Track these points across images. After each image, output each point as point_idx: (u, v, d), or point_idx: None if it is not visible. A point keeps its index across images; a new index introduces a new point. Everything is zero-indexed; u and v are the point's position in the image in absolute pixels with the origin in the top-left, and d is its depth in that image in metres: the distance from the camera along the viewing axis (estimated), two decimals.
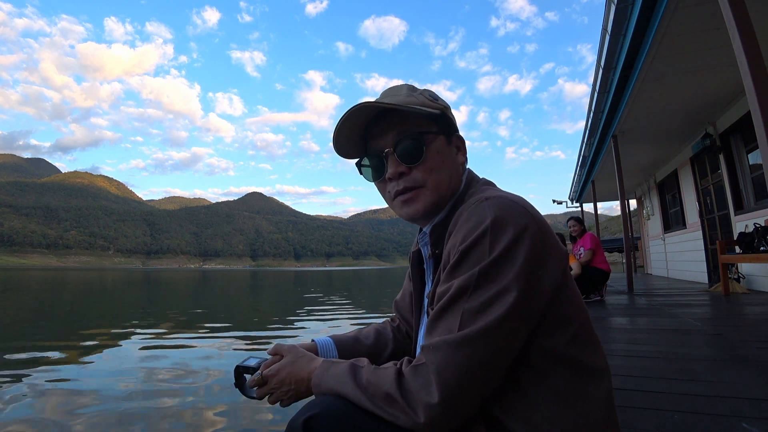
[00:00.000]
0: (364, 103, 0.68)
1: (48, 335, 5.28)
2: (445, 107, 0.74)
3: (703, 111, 5.59)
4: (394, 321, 0.97)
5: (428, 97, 0.73)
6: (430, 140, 0.70)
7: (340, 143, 0.74)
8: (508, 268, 0.56)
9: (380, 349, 0.90)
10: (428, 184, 0.70)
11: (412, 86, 0.75)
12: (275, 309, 9.14)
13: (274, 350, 0.75)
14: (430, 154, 0.70)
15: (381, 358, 0.89)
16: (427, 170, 0.69)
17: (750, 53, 1.98)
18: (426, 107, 0.70)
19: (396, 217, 51.23)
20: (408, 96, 0.71)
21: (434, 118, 0.71)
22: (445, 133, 0.73)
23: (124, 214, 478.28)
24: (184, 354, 4.14)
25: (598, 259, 4.84)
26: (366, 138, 0.75)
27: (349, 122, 0.70)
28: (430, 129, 0.70)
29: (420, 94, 0.72)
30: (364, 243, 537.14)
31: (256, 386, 0.72)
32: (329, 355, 0.84)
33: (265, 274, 49.24)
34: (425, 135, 0.70)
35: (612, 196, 12.11)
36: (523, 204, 0.61)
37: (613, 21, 4.00)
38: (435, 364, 0.55)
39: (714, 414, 1.28)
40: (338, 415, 0.59)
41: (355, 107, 0.67)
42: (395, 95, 0.72)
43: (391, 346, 0.91)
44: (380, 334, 0.92)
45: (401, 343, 0.92)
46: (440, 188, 0.70)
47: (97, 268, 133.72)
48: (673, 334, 2.68)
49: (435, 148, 0.70)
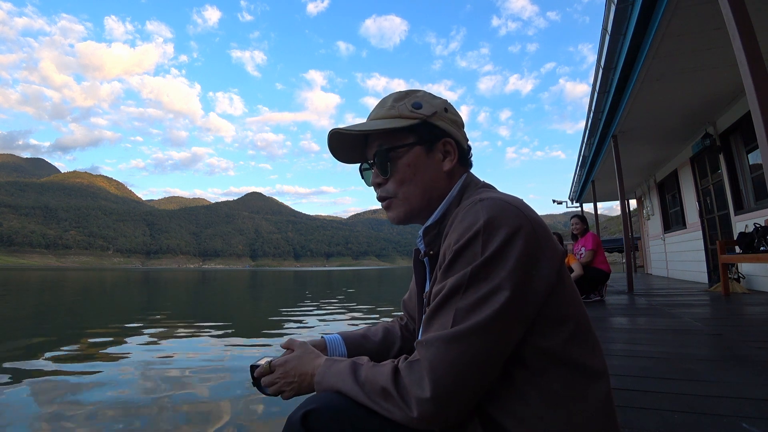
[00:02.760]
0: (333, 131, 0.74)
1: (48, 335, 5.28)
2: (429, 115, 0.73)
3: (703, 111, 5.59)
4: (402, 319, 0.98)
5: (410, 107, 0.73)
6: (401, 154, 0.73)
7: (335, 153, 0.79)
8: (501, 267, 0.57)
9: (388, 346, 0.91)
10: (399, 195, 0.74)
11: (401, 94, 0.76)
12: (275, 309, 9.14)
13: (287, 344, 0.80)
14: (399, 168, 0.73)
15: (389, 355, 0.90)
16: (398, 183, 0.74)
17: (750, 53, 1.98)
18: (404, 118, 0.72)
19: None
20: (390, 108, 0.74)
21: (412, 129, 0.73)
22: (425, 141, 0.73)
23: (123, 214, 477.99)
24: (184, 354, 4.14)
25: (599, 259, 4.84)
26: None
27: (334, 141, 0.76)
28: (405, 141, 0.73)
29: (403, 104, 0.74)
30: (364, 243, 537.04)
31: (263, 374, 0.76)
32: (338, 352, 0.86)
33: (265, 274, 49.26)
34: (396, 150, 0.73)
35: (612, 196, 12.12)
36: (517, 205, 0.62)
37: (613, 21, 4.00)
38: (428, 359, 0.56)
39: (714, 414, 1.28)
40: (336, 410, 0.60)
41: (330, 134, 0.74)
42: (380, 107, 0.76)
43: (399, 343, 0.92)
44: (388, 332, 0.94)
45: (409, 341, 0.93)
46: (410, 199, 0.74)
47: (97, 268, 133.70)
48: (673, 334, 2.68)
49: (405, 162, 0.73)
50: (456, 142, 0.76)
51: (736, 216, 5.69)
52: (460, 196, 0.73)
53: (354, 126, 0.73)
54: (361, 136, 0.77)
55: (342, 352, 0.86)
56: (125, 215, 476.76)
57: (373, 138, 0.76)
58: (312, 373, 0.69)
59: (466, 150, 0.78)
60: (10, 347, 4.48)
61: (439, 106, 0.75)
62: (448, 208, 0.73)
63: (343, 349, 0.87)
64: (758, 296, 4.76)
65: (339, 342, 0.87)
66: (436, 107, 0.74)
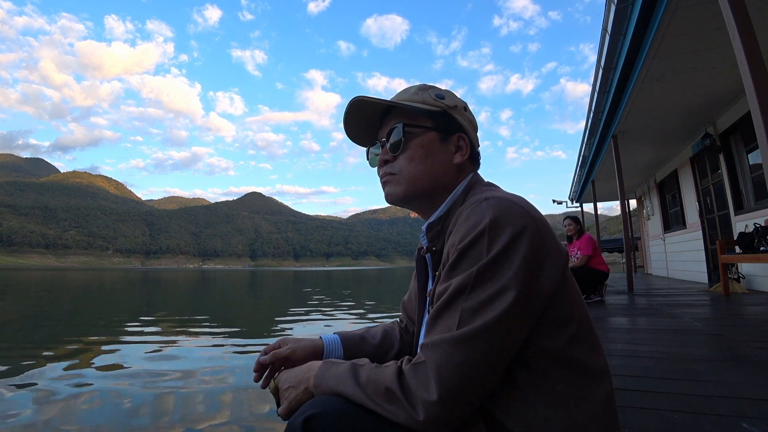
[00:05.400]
0: (356, 98, 0.73)
1: (47, 335, 5.28)
2: (450, 107, 0.76)
3: (703, 111, 5.59)
4: (401, 321, 0.96)
5: (434, 96, 0.75)
6: (417, 134, 0.74)
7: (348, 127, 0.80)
8: (506, 267, 0.56)
9: (386, 349, 0.90)
10: (404, 173, 0.74)
11: (425, 86, 0.78)
12: (275, 308, 9.14)
13: (279, 343, 0.81)
14: (412, 146, 0.74)
15: (386, 358, 0.88)
16: (407, 160, 0.74)
17: (750, 53, 1.97)
18: (426, 104, 0.74)
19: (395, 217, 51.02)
20: (413, 94, 0.76)
21: (431, 115, 0.74)
22: (442, 130, 0.75)
23: (123, 214, 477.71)
24: (185, 353, 4.14)
25: (597, 260, 4.83)
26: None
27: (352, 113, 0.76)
28: (423, 124, 0.74)
29: (427, 93, 0.76)
30: (364, 243, 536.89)
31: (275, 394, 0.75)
32: (335, 352, 0.84)
33: (265, 274, 49.24)
34: (412, 127, 0.74)
35: (612, 196, 12.11)
36: (523, 204, 0.61)
37: (613, 21, 4.00)
38: (434, 361, 0.55)
39: (714, 414, 1.28)
40: (338, 414, 0.58)
41: (351, 102, 0.74)
42: (404, 93, 0.77)
43: (398, 346, 0.91)
44: (387, 334, 0.92)
45: (408, 344, 0.92)
46: (415, 179, 0.73)
47: (96, 269, 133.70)
48: (673, 334, 2.68)
49: (419, 142, 0.74)
50: (470, 139, 0.77)
51: (736, 216, 5.69)
52: (466, 193, 0.73)
53: (378, 98, 0.74)
54: (378, 115, 0.78)
55: (339, 352, 0.84)
56: (125, 215, 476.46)
57: (392, 117, 0.77)
58: (309, 376, 0.68)
59: (477, 152, 0.80)
60: (11, 347, 4.47)
61: (460, 102, 0.78)
62: (453, 204, 0.73)
63: (340, 350, 0.85)
64: (758, 296, 4.76)
65: (337, 343, 0.86)
66: (456, 102, 0.77)
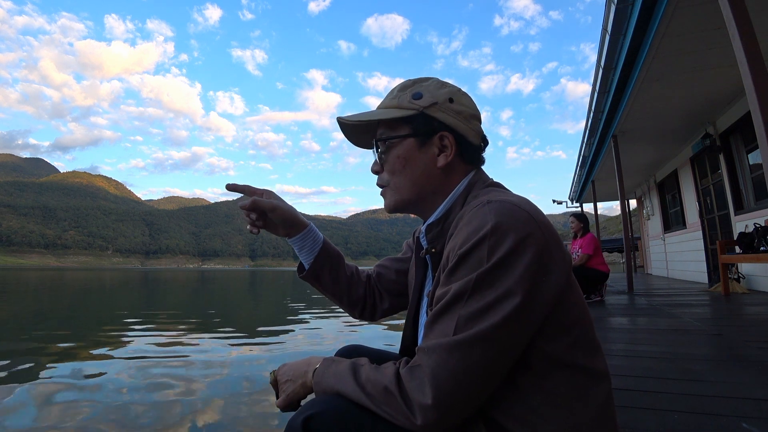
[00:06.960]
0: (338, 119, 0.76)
1: (48, 335, 5.27)
2: (427, 106, 0.70)
3: (703, 111, 5.59)
4: (372, 272, 1.00)
5: (410, 97, 0.71)
6: (393, 145, 0.73)
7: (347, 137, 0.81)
8: (507, 275, 0.55)
9: (354, 284, 0.95)
10: (390, 185, 0.75)
11: (409, 83, 0.75)
12: (275, 308, 9.14)
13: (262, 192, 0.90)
14: (390, 159, 0.74)
15: (351, 294, 0.94)
16: (389, 173, 0.75)
17: (750, 53, 1.97)
18: (401, 108, 0.71)
19: (395, 218, 51.11)
20: (392, 98, 0.74)
21: (408, 120, 0.71)
22: (420, 134, 0.71)
23: (122, 214, 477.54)
24: (185, 353, 4.13)
25: (597, 260, 4.84)
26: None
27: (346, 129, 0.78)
28: (398, 133, 0.72)
29: (404, 95, 0.72)
30: (363, 243, 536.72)
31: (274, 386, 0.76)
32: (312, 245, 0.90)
33: (264, 274, 49.21)
34: (387, 141, 0.73)
35: (612, 196, 12.11)
36: (527, 208, 0.59)
37: (613, 21, 4.00)
38: (429, 366, 0.55)
39: (714, 414, 1.28)
40: (338, 414, 0.58)
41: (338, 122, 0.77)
42: (387, 96, 0.76)
43: (361, 291, 0.95)
44: (359, 278, 0.97)
45: (371, 293, 0.97)
46: (400, 191, 0.74)
47: (96, 268, 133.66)
48: (673, 334, 2.67)
49: (396, 153, 0.73)
50: (459, 135, 0.71)
51: (736, 216, 5.69)
52: (466, 194, 0.71)
53: (355, 115, 0.74)
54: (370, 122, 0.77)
55: (316, 247, 0.90)
56: (124, 215, 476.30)
57: (377, 126, 0.76)
58: (308, 371, 0.69)
59: (476, 145, 0.73)
60: (10, 347, 4.47)
61: (442, 96, 0.71)
62: (452, 206, 0.71)
63: (318, 246, 0.90)
64: (758, 296, 4.76)
65: (318, 241, 0.91)
66: (437, 98, 0.71)
